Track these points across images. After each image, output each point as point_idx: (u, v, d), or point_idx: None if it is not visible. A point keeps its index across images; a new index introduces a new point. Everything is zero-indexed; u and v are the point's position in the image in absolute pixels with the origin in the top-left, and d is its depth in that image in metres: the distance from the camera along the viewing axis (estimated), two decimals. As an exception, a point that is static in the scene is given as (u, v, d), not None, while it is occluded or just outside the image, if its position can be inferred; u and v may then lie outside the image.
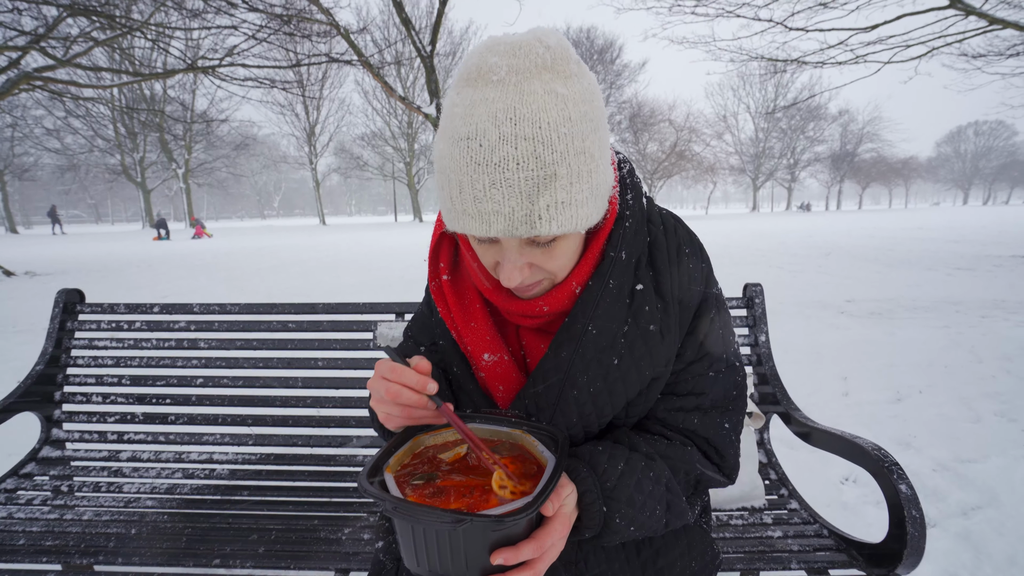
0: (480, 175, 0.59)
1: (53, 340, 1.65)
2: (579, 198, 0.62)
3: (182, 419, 1.62)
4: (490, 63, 0.60)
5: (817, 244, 13.16)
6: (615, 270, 0.73)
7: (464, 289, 0.83)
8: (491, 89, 0.59)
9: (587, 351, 0.73)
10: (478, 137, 0.58)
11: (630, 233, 0.74)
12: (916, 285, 6.84)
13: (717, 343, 0.79)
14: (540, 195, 0.59)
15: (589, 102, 0.63)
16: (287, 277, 8.79)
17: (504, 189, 0.58)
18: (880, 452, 1.10)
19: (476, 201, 0.60)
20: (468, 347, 0.81)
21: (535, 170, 0.58)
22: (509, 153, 0.57)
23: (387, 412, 0.69)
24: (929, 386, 3.23)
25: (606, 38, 38.66)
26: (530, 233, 0.61)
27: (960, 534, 1.82)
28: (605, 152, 0.66)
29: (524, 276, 0.69)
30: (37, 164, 35.96)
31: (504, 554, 0.57)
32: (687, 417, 0.78)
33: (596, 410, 0.75)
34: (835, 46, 10.32)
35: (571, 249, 0.70)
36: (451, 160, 0.61)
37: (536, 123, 0.58)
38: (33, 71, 9.64)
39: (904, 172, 63.75)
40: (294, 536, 1.25)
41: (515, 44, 0.61)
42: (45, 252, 15.78)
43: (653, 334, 0.73)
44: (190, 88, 30.70)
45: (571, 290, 0.74)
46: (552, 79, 0.60)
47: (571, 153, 0.60)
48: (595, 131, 0.63)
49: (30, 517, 1.35)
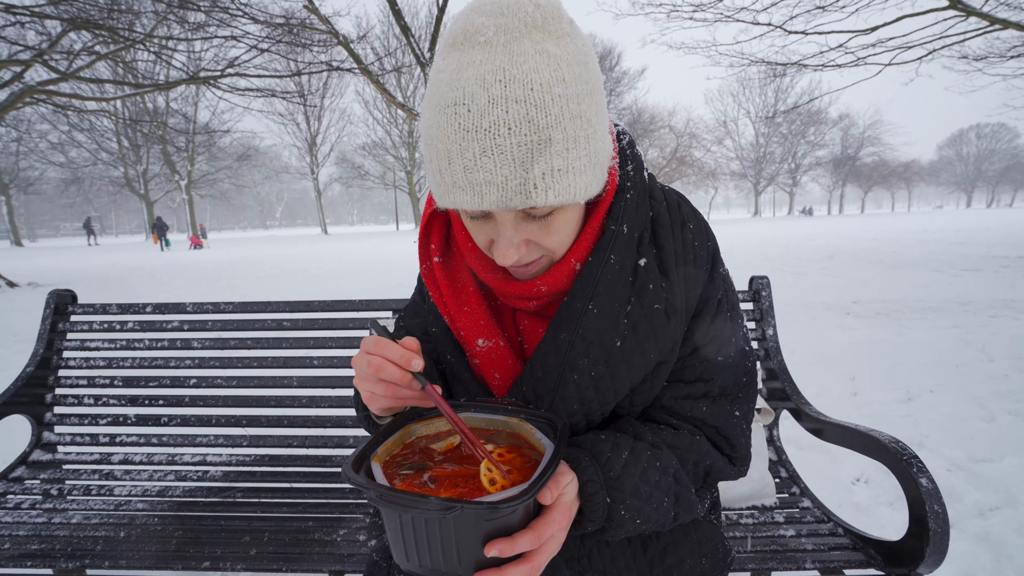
0: (469, 143, 0.55)
1: (44, 341, 1.62)
2: (576, 165, 0.58)
3: (175, 420, 1.58)
4: (476, 24, 0.56)
5: (820, 247, 13.10)
6: (616, 244, 0.68)
7: (457, 272, 0.79)
8: (478, 51, 0.56)
9: (587, 332, 0.68)
10: (466, 102, 0.54)
11: (631, 205, 0.70)
12: (922, 286, 6.77)
13: (725, 326, 0.74)
14: (535, 162, 0.55)
15: (583, 63, 0.59)
16: (289, 285, 8.78)
17: (496, 156, 0.55)
18: (898, 445, 1.05)
19: (466, 171, 0.56)
20: (462, 332, 0.77)
21: (528, 134, 0.54)
22: (499, 117, 0.54)
23: (370, 390, 0.65)
24: (940, 385, 3.17)
25: (605, 45, 38.88)
26: (525, 204, 0.57)
27: (978, 535, 1.76)
28: (603, 117, 0.62)
29: (521, 253, 0.65)
30: (42, 177, 36.19)
31: (499, 545, 0.53)
32: (695, 405, 0.74)
33: (598, 396, 0.71)
34: (835, 49, 10.34)
35: (570, 223, 0.66)
36: (438, 128, 0.57)
37: (528, 84, 0.54)
38: (37, 85, 9.73)
39: (906, 176, 63.62)
40: (287, 538, 1.21)
41: (502, 3, 0.57)
42: (48, 264, 15.85)
43: (658, 313, 0.69)
44: (192, 100, 30.91)
45: (570, 268, 0.70)
46: (543, 39, 0.56)
47: (566, 116, 0.56)
48: (591, 94, 0.59)
49: (17, 521, 1.31)
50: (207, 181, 38.86)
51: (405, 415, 0.70)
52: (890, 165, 58.25)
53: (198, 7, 8.68)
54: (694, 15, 10.40)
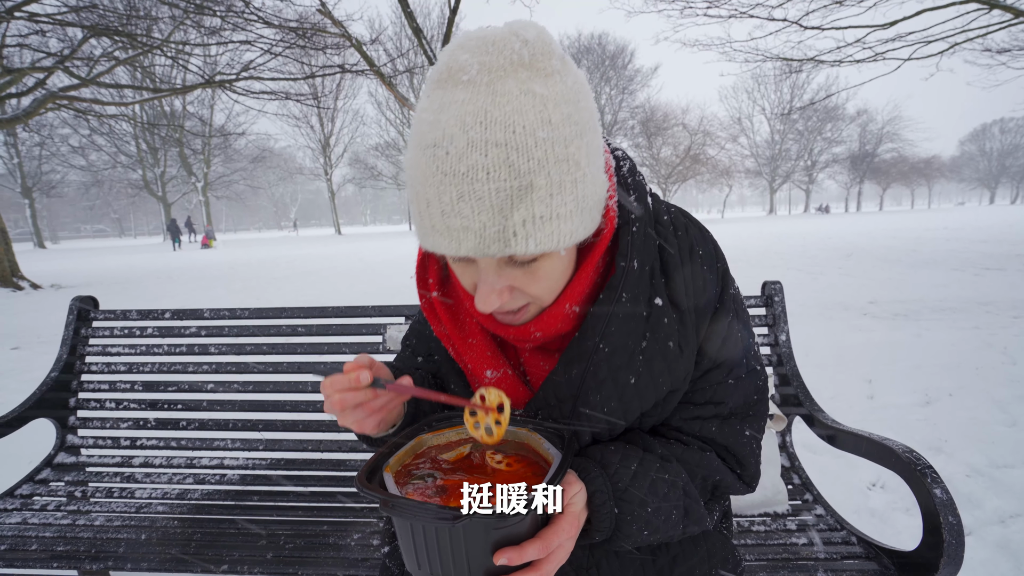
0: (447, 186, 0.53)
1: (68, 347, 1.67)
2: (562, 211, 0.55)
3: (193, 424, 1.62)
4: (460, 61, 0.54)
5: (837, 246, 12.90)
6: (627, 282, 0.66)
7: (458, 304, 0.78)
8: (461, 90, 0.54)
9: (599, 370, 0.67)
10: (445, 144, 0.53)
11: (639, 239, 0.67)
12: (943, 286, 6.64)
13: (736, 348, 0.73)
14: (515, 209, 0.53)
15: (573, 103, 0.56)
16: (303, 286, 8.88)
17: (473, 202, 0.52)
18: (912, 455, 1.04)
19: (444, 216, 0.54)
20: (469, 365, 0.77)
21: (508, 180, 0.52)
22: (478, 161, 0.52)
23: (353, 420, 0.65)
24: (960, 389, 3.11)
25: (617, 44, 38.70)
26: (504, 252, 0.55)
27: (998, 543, 1.73)
28: (595, 158, 0.60)
29: (504, 300, 0.62)
30: (63, 181, 37.05)
31: (508, 554, 0.54)
32: (704, 425, 0.74)
33: (609, 426, 0.71)
34: (852, 44, 10.16)
35: (557, 269, 0.64)
36: (417, 170, 0.56)
37: (510, 127, 0.52)
38: (59, 91, 9.98)
39: (927, 172, 62.25)
40: (303, 542, 1.23)
41: (488, 39, 0.55)
42: (70, 266, 16.22)
43: (672, 350, 0.68)
44: (208, 103, 31.44)
45: (564, 312, 0.68)
46: (530, 77, 0.54)
47: (551, 160, 0.53)
48: (580, 135, 0.57)
49: (44, 523, 1.35)
50: (223, 183, 39.49)
51: (416, 427, 0.72)
52: (910, 161, 57.02)
53: (214, 12, 8.83)
54: (708, 11, 10.29)
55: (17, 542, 1.25)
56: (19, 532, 1.30)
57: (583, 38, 38.79)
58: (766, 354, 1.56)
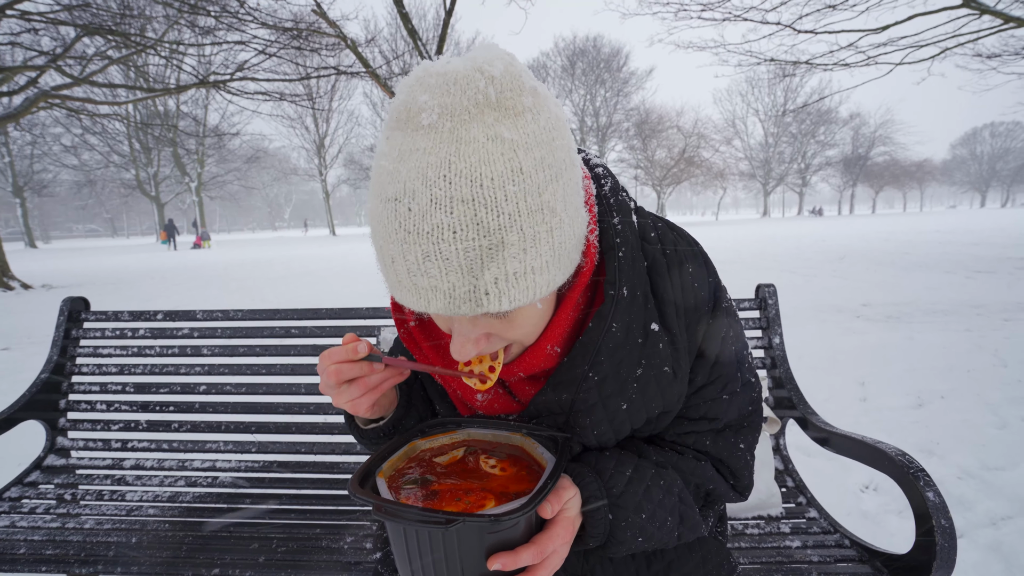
0: (411, 245, 0.49)
1: (58, 348, 1.65)
2: (536, 264, 0.51)
3: (185, 427, 1.60)
4: (420, 102, 0.49)
5: (830, 248, 12.99)
6: (617, 311, 0.62)
7: (438, 330, 0.72)
8: (421, 137, 0.49)
9: (589, 396, 0.66)
10: (406, 200, 0.48)
11: (627, 264, 0.63)
12: (935, 288, 6.70)
13: (731, 364, 0.72)
14: (485, 268, 0.49)
15: (547, 144, 0.51)
16: (298, 287, 8.84)
17: (440, 262, 0.49)
18: (905, 458, 1.05)
19: (410, 274, 0.51)
20: (459, 391, 0.75)
21: (476, 239, 0.48)
22: (443, 220, 0.47)
23: (347, 399, 0.63)
24: (952, 391, 3.13)
25: (612, 46, 38.92)
26: (475, 312, 0.52)
27: (990, 545, 1.75)
28: (573, 198, 0.55)
29: (480, 347, 0.59)
30: (55, 180, 36.80)
31: (502, 559, 0.53)
32: (699, 439, 0.74)
33: (599, 443, 0.71)
34: (845, 48, 10.25)
35: (535, 315, 0.60)
36: (379, 224, 0.52)
37: (476, 180, 0.47)
38: (51, 89, 9.89)
39: (918, 175, 62.87)
40: (295, 545, 1.22)
41: (449, 77, 0.49)
42: (62, 266, 16.08)
43: (666, 375, 0.66)
44: (202, 103, 31.29)
45: (545, 352, 0.65)
46: (497, 120, 0.49)
47: (523, 213, 0.49)
48: (556, 179, 0.52)
49: (32, 526, 1.33)
50: (217, 183, 39.32)
51: (409, 432, 0.71)
52: (902, 164, 57.57)
53: (208, 12, 8.79)
54: (702, 14, 10.37)
55: (5, 546, 1.23)
56: (7, 536, 1.28)
57: (578, 40, 39.01)
58: (760, 357, 1.57)
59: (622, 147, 41.18)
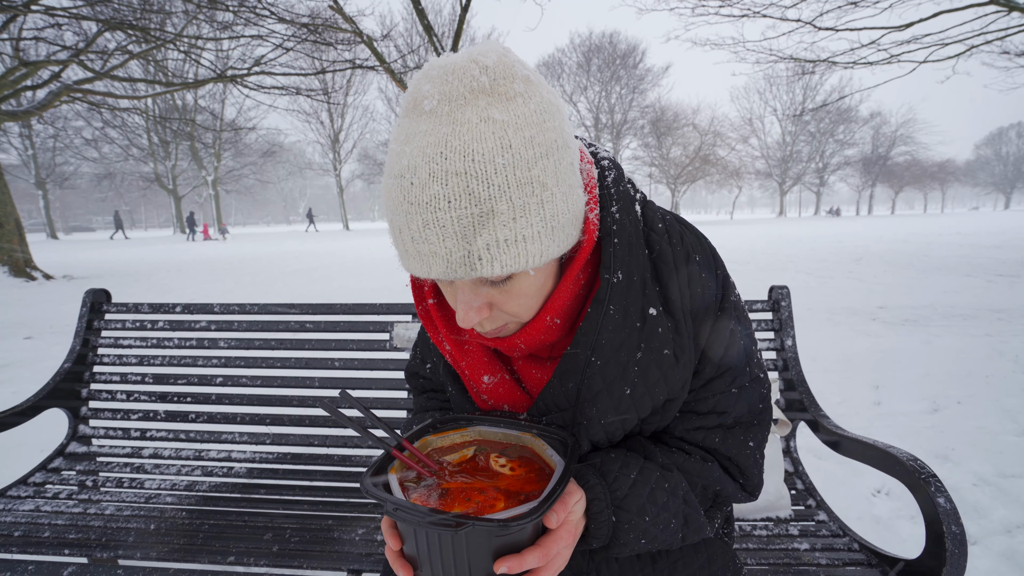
0: (413, 215, 0.55)
1: (81, 338, 1.70)
2: (527, 233, 0.56)
3: (202, 417, 1.64)
4: (423, 91, 0.56)
5: (847, 249, 12.79)
6: (614, 295, 0.66)
7: (452, 311, 0.78)
8: (424, 121, 0.56)
9: (594, 383, 0.68)
10: (409, 175, 0.55)
11: (622, 251, 0.66)
12: (954, 292, 6.57)
13: (739, 357, 0.73)
14: (477, 234, 0.55)
15: (537, 125, 0.56)
16: (310, 281, 8.93)
17: (437, 230, 0.55)
18: (916, 463, 1.04)
19: (414, 242, 0.57)
20: (466, 371, 0.78)
21: (468, 207, 0.54)
22: (439, 191, 0.53)
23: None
24: (969, 397, 3.08)
25: (629, 43, 38.54)
26: (470, 275, 0.57)
27: (1004, 553, 1.72)
28: (566, 176, 0.60)
29: (482, 316, 0.64)
30: (76, 173, 37.43)
31: (508, 562, 0.55)
32: (708, 435, 0.74)
33: (607, 436, 0.72)
34: (867, 46, 10.04)
35: (533, 287, 0.64)
36: (389, 199, 0.58)
37: (468, 156, 0.53)
38: (73, 84, 10.08)
39: (940, 176, 61.42)
40: (308, 535, 1.25)
41: (448, 68, 0.56)
42: (82, 257, 16.41)
43: (667, 358, 0.68)
44: (220, 98, 31.65)
45: (546, 324, 0.68)
46: (489, 104, 0.55)
47: (512, 185, 0.54)
48: (545, 156, 0.57)
49: (55, 510, 1.38)
50: (233, 177, 39.71)
51: (421, 427, 0.73)
52: (923, 165, 56.29)
53: (226, 7, 8.88)
54: (720, 11, 10.22)
55: (30, 529, 1.28)
56: (32, 519, 1.32)
57: (594, 36, 38.68)
58: (771, 359, 1.56)
59: (637, 144, 40.82)
